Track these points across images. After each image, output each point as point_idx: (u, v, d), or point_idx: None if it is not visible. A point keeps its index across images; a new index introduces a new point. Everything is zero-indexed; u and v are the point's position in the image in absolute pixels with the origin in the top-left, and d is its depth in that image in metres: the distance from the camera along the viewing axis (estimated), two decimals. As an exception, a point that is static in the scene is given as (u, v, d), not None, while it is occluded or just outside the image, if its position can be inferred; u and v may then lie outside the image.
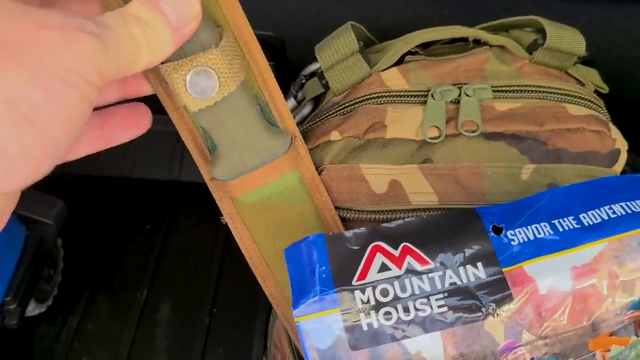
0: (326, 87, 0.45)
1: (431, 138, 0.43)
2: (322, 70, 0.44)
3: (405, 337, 0.32)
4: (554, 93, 0.45)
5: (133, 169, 0.92)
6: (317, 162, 0.41)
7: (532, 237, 0.34)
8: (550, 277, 0.32)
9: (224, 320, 0.78)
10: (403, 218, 0.40)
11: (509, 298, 0.32)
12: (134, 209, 0.88)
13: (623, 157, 0.45)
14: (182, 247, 0.85)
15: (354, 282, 0.33)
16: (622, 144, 0.44)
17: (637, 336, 0.35)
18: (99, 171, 0.91)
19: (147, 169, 0.92)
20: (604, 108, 0.47)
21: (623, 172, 0.50)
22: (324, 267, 0.33)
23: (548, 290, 0.32)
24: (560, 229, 0.34)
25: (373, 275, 0.33)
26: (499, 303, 0.32)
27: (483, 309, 0.32)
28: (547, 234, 0.34)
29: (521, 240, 0.34)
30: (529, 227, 0.34)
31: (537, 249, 0.33)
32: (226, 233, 0.86)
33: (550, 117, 0.44)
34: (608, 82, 0.51)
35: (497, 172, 0.42)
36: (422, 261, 0.34)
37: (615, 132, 0.44)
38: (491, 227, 0.35)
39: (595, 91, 0.50)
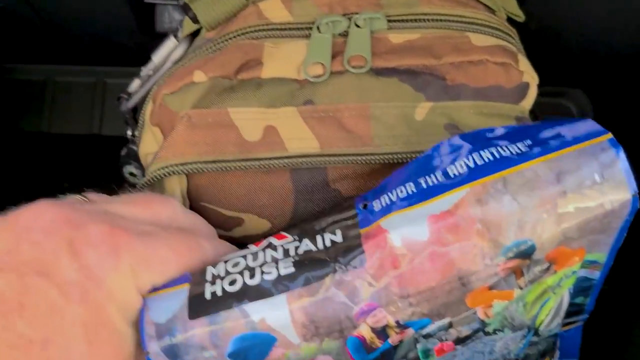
0: (195, 20, 0.40)
1: (314, 77, 0.38)
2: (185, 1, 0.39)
3: (246, 301, 0.28)
4: (457, 22, 0.40)
5: (50, 124, 0.86)
6: (177, 109, 0.37)
7: (394, 199, 0.30)
8: (405, 227, 0.29)
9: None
10: (278, 167, 0.36)
11: (360, 253, 0.29)
12: (51, 166, 0.83)
13: (532, 92, 0.40)
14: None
15: None
16: (531, 77, 0.40)
17: (521, 288, 0.31)
18: (14, 126, 0.86)
19: (64, 123, 0.86)
20: (516, 38, 0.42)
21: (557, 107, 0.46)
22: None
23: (404, 242, 0.29)
24: (424, 186, 0.30)
25: (228, 257, 0.31)
26: (350, 259, 0.29)
27: (331, 265, 0.29)
28: (410, 192, 0.30)
29: (383, 204, 0.30)
30: (393, 191, 0.31)
31: (396, 205, 0.30)
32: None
33: (451, 49, 0.39)
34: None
35: (388, 113, 0.38)
36: (281, 237, 0.31)
37: (524, 64, 0.40)
38: (361, 205, 0.32)
39: (509, 19, 0.45)
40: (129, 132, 0.49)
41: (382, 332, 0.30)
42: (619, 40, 0.75)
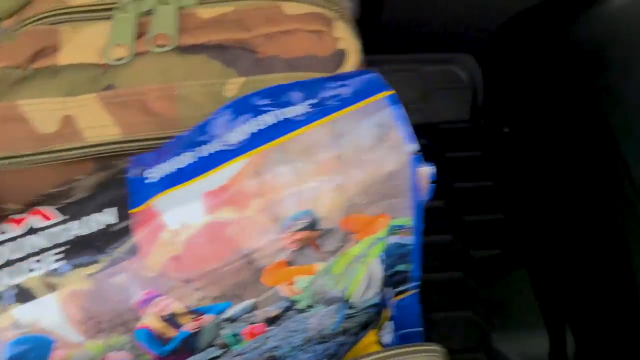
0: (-14, 8, 0.38)
1: (116, 60, 0.36)
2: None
3: (12, 304, 0.27)
4: (270, -8, 0.39)
5: None
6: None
7: (171, 170, 0.29)
8: (179, 208, 0.28)
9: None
10: (77, 158, 0.34)
11: (131, 240, 0.27)
12: None
13: (352, 60, 0.39)
14: None
15: None
16: (349, 44, 0.39)
17: (324, 261, 0.31)
18: None
19: None
20: (338, 4, 0.41)
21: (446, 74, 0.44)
22: None
23: (178, 223, 0.27)
24: (205, 154, 0.29)
25: None
26: (121, 247, 0.27)
27: (102, 255, 0.27)
28: (187, 163, 0.29)
29: (158, 177, 0.29)
30: (171, 159, 0.29)
31: (171, 180, 0.28)
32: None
33: (263, 20, 0.38)
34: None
35: (195, 92, 0.36)
36: (47, 217, 0.29)
37: (341, 31, 0.39)
38: (135, 171, 0.30)
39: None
40: None
41: (172, 321, 0.29)
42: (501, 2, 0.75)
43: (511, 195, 0.79)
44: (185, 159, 0.29)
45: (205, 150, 0.29)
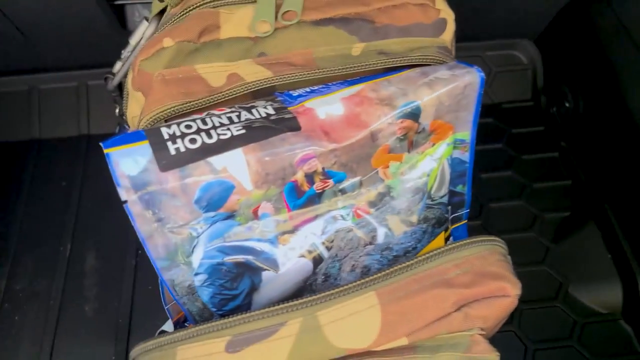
0: (161, -1, 0.48)
1: (263, 33, 0.46)
2: (151, -20, 0.47)
3: (209, 153, 0.36)
4: (383, -25, 0.48)
5: (40, 130, 0.94)
6: (152, 71, 0.45)
7: (309, 90, 0.39)
8: (326, 106, 0.38)
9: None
10: (239, 93, 0.44)
11: (295, 120, 0.38)
12: (48, 168, 0.91)
13: (450, 27, 0.49)
14: (99, 198, 0.88)
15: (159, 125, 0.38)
16: (447, 14, 0.48)
17: (409, 152, 0.40)
18: (6, 137, 0.93)
19: (54, 128, 0.94)
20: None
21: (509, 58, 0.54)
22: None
23: (326, 115, 0.38)
24: (331, 84, 0.40)
25: (175, 120, 0.39)
26: (288, 124, 0.37)
27: (275, 127, 0.37)
28: (322, 89, 0.39)
29: (302, 93, 0.39)
30: (309, 87, 0.40)
31: (313, 94, 0.39)
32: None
33: (377, -3, 0.47)
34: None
35: (329, 54, 0.46)
36: (220, 110, 0.39)
37: (440, 4, 0.48)
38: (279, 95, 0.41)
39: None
40: (117, 111, 0.57)
41: (310, 178, 0.39)
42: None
43: (580, 161, 0.86)
44: (320, 89, 0.40)
45: (336, 85, 0.40)
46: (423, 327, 0.36)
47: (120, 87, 0.57)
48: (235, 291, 0.40)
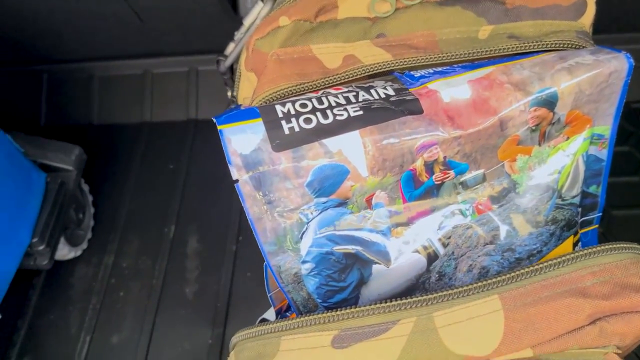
0: (278, -22, 0.47)
1: (383, 13, 0.43)
2: (268, -41, 0.46)
3: (324, 135, 0.34)
4: (515, -48, 0.45)
5: (152, 114, 0.97)
6: (267, 50, 0.43)
7: (432, 71, 0.36)
8: (451, 89, 0.35)
9: (250, 245, 0.82)
10: (356, 76, 0.42)
11: (416, 102, 0.35)
12: (156, 151, 0.93)
13: (591, 9, 0.44)
14: (204, 183, 0.89)
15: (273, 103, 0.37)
16: (589, -4, 0.44)
17: (540, 145, 0.36)
18: (119, 119, 0.96)
19: (164, 111, 0.96)
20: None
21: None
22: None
23: (451, 98, 0.35)
24: (457, 68, 0.36)
25: (291, 98, 0.37)
26: (409, 106, 0.35)
27: (395, 109, 0.34)
28: (446, 70, 0.36)
29: (424, 74, 0.36)
30: (432, 68, 0.37)
31: (437, 75, 0.36)
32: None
33: (510, -23, 0.43)
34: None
35: (454, 37, 0.43)
36: (337, 89, 0.37)
37: (580, -18, 0.44)
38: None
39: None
40: (229, 93, 0.57)
41: (430, 168, 0.36)
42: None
43: None
44: (443, 69, 0.37)
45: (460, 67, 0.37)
46: (551, 339, 0.32)
47: (232, 69, 0.57)
48: (343, 283, 0.38)
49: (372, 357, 0.33)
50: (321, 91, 0.38)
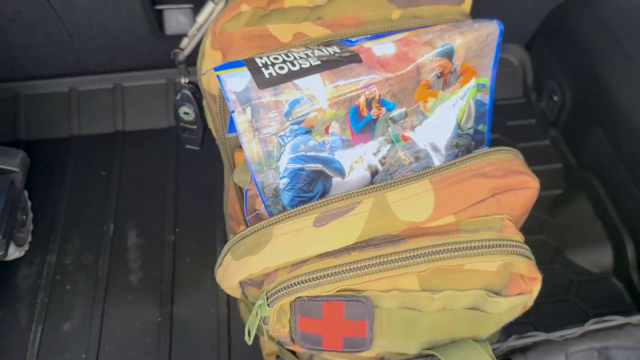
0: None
1: (320, 2, 0.57)
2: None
3: (295, 77, 0.47)
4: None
5: (79, 128, 1.04)
6: (233, 30, 0.56)
7: (363, 38, 0.51)
8: (380, 46, 0.50)
9: (187, 234, 0.91)
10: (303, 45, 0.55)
11: (357, 56, 0.49)
12: (87, 161, 1.00)
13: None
14: (137, 185, 0.97)
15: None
16: (468, -12, 0.60)
17: (443, 90, 0.51)
18: (47, 135, 1.03)
19: (92, 125, 1.04)
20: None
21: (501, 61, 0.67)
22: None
23: (381, 52, 0.49)
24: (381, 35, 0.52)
25: (264, 54, 0.49)
26: (352, 58, 0.49)
27: (343, 60, 0.48)
28: (374, 36, 0.51)
29: (359, 39, 0.51)
30: (367, 35, 0.51)
31: (368, 39, 0.50)
32: (176, 162, 0.99)
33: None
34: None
35: (374, 18, 0.58)
36: (298, 49, 0.50)
37: (460, -20, 0.60)
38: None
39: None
40: (183, 80, 0.68)
41: (369, 104, 0.50)
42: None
43: (569, 146, 0.98)
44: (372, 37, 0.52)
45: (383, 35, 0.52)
46: (466, 208, 0.47)
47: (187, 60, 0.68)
48: (311, 194, 0.50)
49: (345, 229, 0.45)
50: (285, 50, 0.50)
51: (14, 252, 0.85)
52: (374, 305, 0.47)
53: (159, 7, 0.94)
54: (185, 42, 0.67)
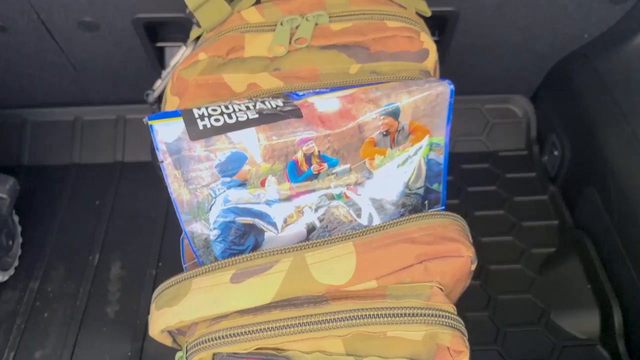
0: (198, 25, 0.61)
1: (278, 53, 0.58)
2: (191, 11, 0.60)
3: (229, 130, 0.47)
4: (377, 14, 0.61)
5: (80, 156, 1.06)
6: (188, 77, 0.56)
7: (312, 92, 0.51)
8: (324, 101, 0.50)
9: (170, 269, 0.91)
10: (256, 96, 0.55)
11: (298, 110, 0.49)
12: (84, 189, 1.02)
13: (432, 55, 0.60)
14: (128, 217, 0.99)
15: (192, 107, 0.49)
16: (430, 45, 0.60)
17: (391, 147, 0.50)
18: (49, 161, 1.06)
19: (92, 154, 1.06)
20: (421, 23, 0.63)
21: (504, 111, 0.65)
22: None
23: (324, 108, 0.49)
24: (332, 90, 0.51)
25: (205, 105, 0.49)
26: (292, 113, 0.48)
27: (282, 114, 0.48)
28: (323, 91, 0.51)
29: (306, 93, 0.51)
30: (316, 90, 0.51)
31: (315, 93, 0.50)
32: (167, 200, 1.00)
33: (373, 30, 0.59)
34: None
35: (331, 72, 0.57)
36: (240, 100, 0.50)
37: (424, 37, 0.60)
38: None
39: (419, 14, 0.65)
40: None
41: (309, 159, 0.49)
42: (543, 46, 0.95)
43: (567, 203, 0.95)
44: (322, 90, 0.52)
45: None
46: (390, 273, 0.45)
47: (159, 100, 0.69)
48: (242, 247, 0.50)
49: (260, 288, 0.44)
50: (228, 101, 0.51)
51: (-4, 277, 0.87)
52: (295, 366, 0.46)
53: (159, 44, 0.96)
54: (157, 83, 0.69)
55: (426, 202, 0.57)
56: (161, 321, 0.47)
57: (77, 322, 0.86)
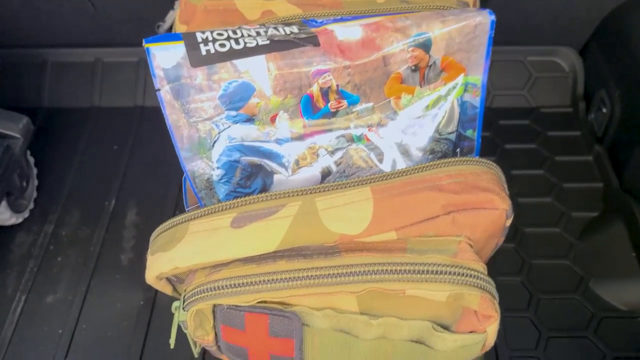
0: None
1: (300, -21, 0.51)
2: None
3: (235, 56, 0.41)
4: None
5: (100, 99, 1.02)
6: (196, 3, 0.50)
7: (332, 19, 0.44)
8: (345, 29, 0.43)
9: (185, 219, 0.87)
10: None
11: (315, 38, 0.42)
12: (102, 133, 0.98)
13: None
14: (146, 163, 0.94)
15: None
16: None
17: (421, 86, 0.44)
18: (68, 103, 1.02)
19: (112, 98, 1.02)
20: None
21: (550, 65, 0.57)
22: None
23: (344, 37, 0.42)
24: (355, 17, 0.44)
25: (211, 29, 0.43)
26: (308, 40, 0.42)
27: (296, 42, 0.42)
28: (345, 18, 0.44)
29: (326, 20, 0.44)
30: (338, 17, 0.44)
31: (336, 21, 0.43)
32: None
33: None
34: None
35: (356, 2, 0.51)
36: (250, 25, 0.44)
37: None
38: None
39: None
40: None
41: (326, 95, 0.43)
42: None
43: (614, 165, 0.87)
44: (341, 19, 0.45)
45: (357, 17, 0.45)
46: (412, 224, 0.40)
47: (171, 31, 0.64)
48: (249, 189, 0.44)
49: (264, 234, 0.39)
50: (237, 26, 0.45)
51: (8, 219, 0.84)
52: (303, 323, 0.41)
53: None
54: (169, 14, 0.63)
55: (458, 150, 0.51)
56: (155, 267, 0.42)
57: (89, 268, 0.83)
